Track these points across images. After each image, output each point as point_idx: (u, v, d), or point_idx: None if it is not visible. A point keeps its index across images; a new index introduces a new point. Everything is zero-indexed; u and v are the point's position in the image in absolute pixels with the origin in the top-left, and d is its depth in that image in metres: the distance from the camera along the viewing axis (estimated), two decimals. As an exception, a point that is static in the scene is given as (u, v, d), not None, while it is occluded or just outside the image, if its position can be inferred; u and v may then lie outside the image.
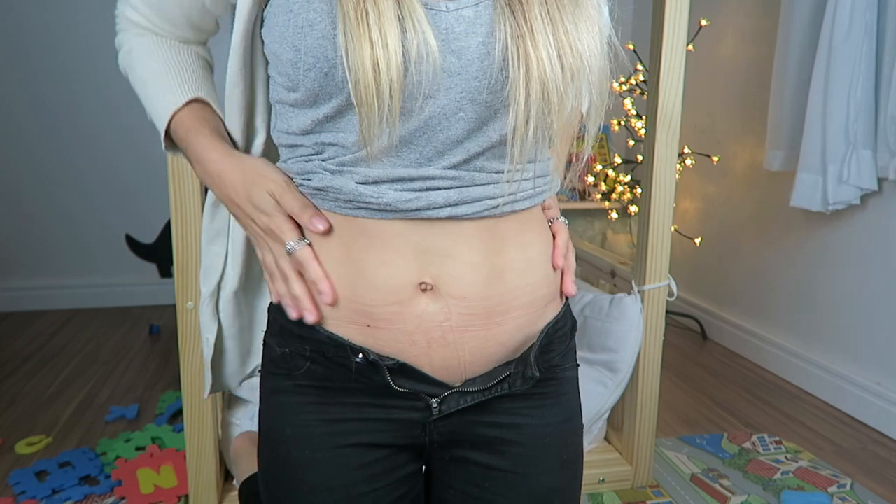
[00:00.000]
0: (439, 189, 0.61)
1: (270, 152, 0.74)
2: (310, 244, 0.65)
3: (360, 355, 0.64)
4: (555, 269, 0.71)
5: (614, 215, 2.95)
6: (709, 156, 2.81)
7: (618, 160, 3.06)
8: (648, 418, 1.72)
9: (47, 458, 1.83)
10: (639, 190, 2.86)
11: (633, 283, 1.69)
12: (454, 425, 0.70)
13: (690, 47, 2.66)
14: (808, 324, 2.45)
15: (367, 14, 0.52)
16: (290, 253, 0.64)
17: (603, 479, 1.73)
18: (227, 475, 1.64)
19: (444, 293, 0.63)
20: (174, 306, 1.43)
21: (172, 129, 0.71)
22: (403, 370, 0.65)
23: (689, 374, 2.56)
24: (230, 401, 1.64)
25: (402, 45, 0.53)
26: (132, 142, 3.18)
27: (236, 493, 1.58)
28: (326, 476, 0.68)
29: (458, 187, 0.61)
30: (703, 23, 2.70)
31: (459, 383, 0.68)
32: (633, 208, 2.89)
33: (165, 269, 3.33)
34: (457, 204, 0.62)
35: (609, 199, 3.03)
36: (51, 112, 3.09)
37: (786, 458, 1.93)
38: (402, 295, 0.63)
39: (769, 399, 2.35)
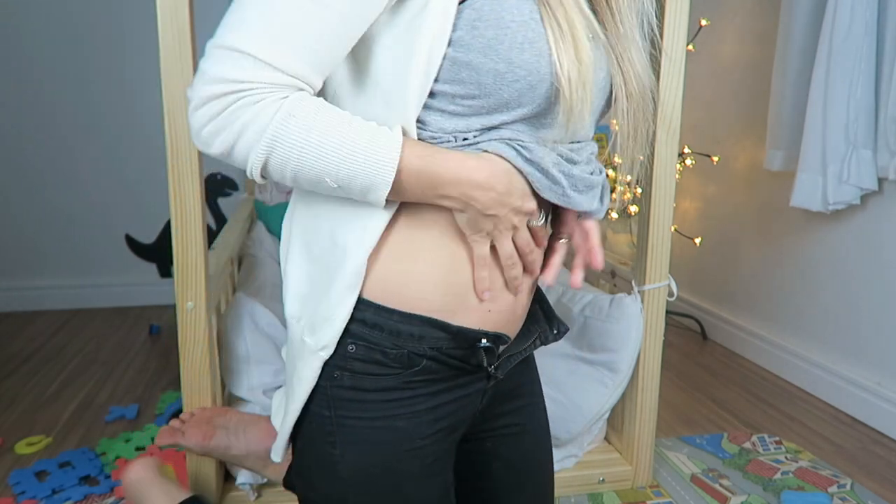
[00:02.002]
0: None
1: None
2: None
3: (484, 339, 0.72)
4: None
5: (614, 215, 2.95)
6: (709, 156, 2.81)
7: (618, 160, 3.06)
8: (648, 418, 1.72)
9: (47, 458, 1.83)
10: (639, 190, 2.86)
11: (633, 283, 1.69)
12: (498, 385, 0.79)
13: (690, 47, 2.66)
14: (808, 324, 2.45)
15: (572, 36, 0.62)
16: (538, 224, 0.72)
17: (603, 479, 1.73)
18: (226, 475, 1.64)
19: (526, 271, 0.75)
20: (174, 306, 1.42)
21: (400, 168, 0.63)
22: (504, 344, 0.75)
23: (689, 374, 2.56)
24: (230, 401, 1.64)
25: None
26: (132, 142, 3.18)
27: (236, 493, 1.58)
28: (432, 461, 0.75)
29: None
30: (703, 23, 2.70)
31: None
32: (633, 208, 2.89)
33: (165, 269, 3.33)
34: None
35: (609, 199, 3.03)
36: (50, 112, 3.09)
37: (786, 458, 1.93)
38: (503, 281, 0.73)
39: (769, 399, 2.35)
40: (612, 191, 3.00)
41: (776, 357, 2.58)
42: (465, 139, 0.67)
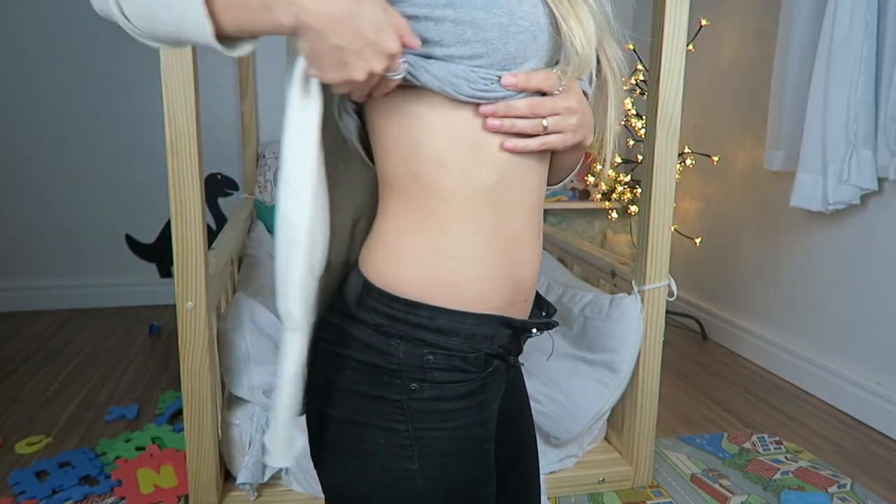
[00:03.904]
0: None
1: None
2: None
3: (535, 329, 0.74)
4: None
5: (614, 215, 2.95)
6: (709, 156, 2.81)
7: (618, 160, 3.06)
8: (648, 418, 1.72)
9: (47, 458, 1.83)
10: (639, 190, 2.86)
11: (633, 283, 1.69)
12: (513, 368, 0.81)
13: (690, 47, 2.66)
14: (809, 324, 2.45)
15: (570, 2, 0.66)
16: (395, 77, 0.62)
17: (603, 479, 1.73)
18: (227, 475, 1.64)
19: (539, 258, 0.76)
20: (174, 306, 1.42)
21: (219, 3, 0.57)
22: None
23: (689, 374, 2.56)
24: (230, 401, 1.64)
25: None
26: (132, 142, 3.18)
27: (236, 493, 1.59)
28: (491, 461, 0.75)
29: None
30: (703, 23, 2.70)
31: None
32: (633, 208, 2.89)
33: (165, 269, 3.33)
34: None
35: (609, 199, 3.03)
36: (51, 112, 3.09)
37: (786, 458, 1.93)
38: (537, 265, 0.75)
39: (769, 399, 2.35)
40: (613, 191, 3.00)
41: (776, 357, 2.58)
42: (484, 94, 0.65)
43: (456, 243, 0.68)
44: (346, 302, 0.72)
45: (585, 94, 0.75)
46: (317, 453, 0.75)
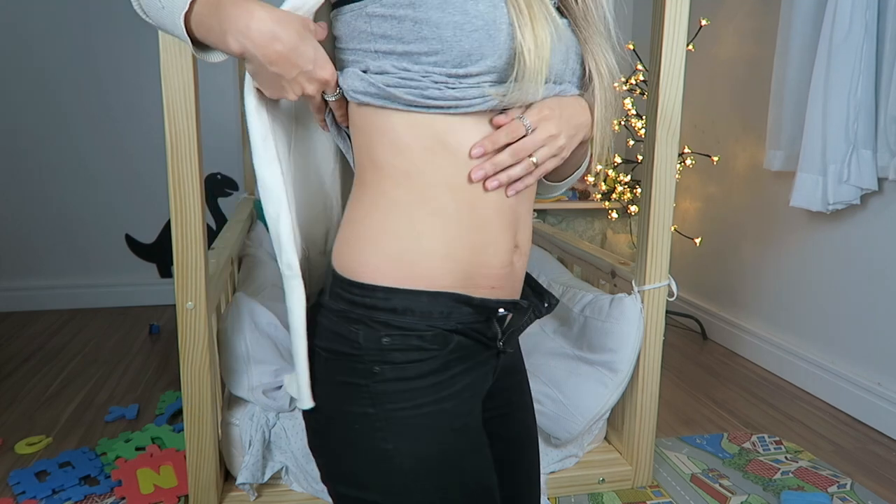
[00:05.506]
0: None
1: None
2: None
3: (502, 309, 0.76)
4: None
5: (614, 215, 2.95)
6: (709, 156, 2.81)
7: (618, 160, 3.07)
8: (648, 418, 1.72)
9: (47, 458, 1.83)
10: (639, 190, 2.86)
11: (633, 283, 1.69)
12: (504, 355, 0.83)
13: (690, 47, 2.66)
14: (808, 324, 2.45)
15: (529, 16, 0.67)
16: (332, 99, 0.74)
17: (603, 479, 1.73)
18: (227, 475, 1.64)
19: (522, 251, 0.79)
20: (174, 306, 1.43)
21: (195, 19, 0.67)
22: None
23: (689, 374, 2.56)
24: (230, 401, 1.64)
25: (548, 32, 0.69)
26: (133, 142, 3.18)
27: (236, 493, 1.58)
28: (476, 434, 0.77)
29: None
30: (703, 23, 2.70)
31: None
32: (633, 208, 2.89)
33: (165, 269, 3.33)
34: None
35: (609, 199, 3.03)
36: (52, 113, 3.09)
37: (786, 458, 1.93)
38: (510, 255, 0.76)
39: (769, 399, 2.35)
40: (613, 191, 3.00)
41: (776, 357, 2.58)
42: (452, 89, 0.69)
43: (410, 224, 0.70)
44: (321, 294, 0.76)
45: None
46: (310, 442, 0.78)
